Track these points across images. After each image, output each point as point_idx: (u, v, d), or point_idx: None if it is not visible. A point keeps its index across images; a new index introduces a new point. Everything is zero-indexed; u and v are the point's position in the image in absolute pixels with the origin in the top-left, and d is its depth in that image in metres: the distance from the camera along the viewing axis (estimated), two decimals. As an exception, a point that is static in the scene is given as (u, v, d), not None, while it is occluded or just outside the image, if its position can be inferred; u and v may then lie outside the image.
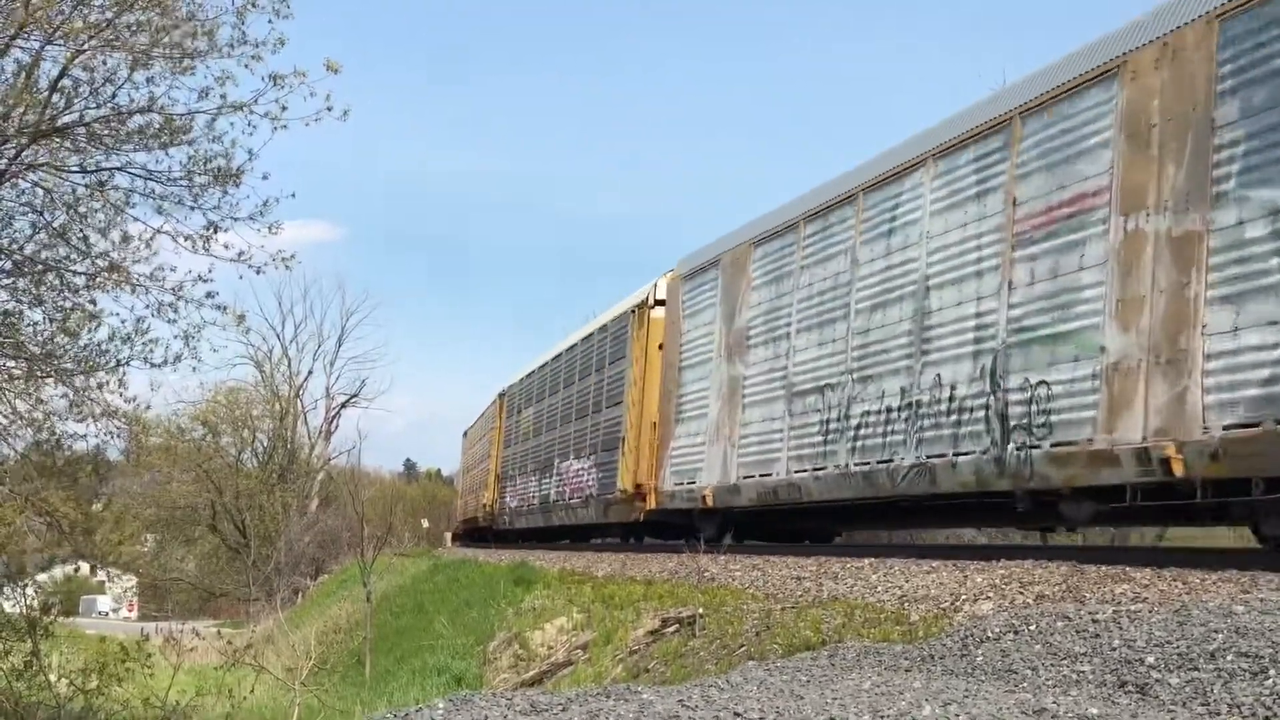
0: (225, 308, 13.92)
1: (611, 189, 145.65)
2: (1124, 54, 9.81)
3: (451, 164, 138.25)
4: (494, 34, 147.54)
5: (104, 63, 12.43)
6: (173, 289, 13.56)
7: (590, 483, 21.74)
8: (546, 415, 26.15)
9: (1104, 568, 8.49)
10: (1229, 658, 5.47)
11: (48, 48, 12.21)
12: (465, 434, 44.77)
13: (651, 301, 19.39)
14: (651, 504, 18.12)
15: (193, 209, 13.31)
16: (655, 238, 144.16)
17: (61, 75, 12.31)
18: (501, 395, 33.09)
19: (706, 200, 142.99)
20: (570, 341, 25.39)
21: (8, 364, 14.38)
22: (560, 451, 24.28)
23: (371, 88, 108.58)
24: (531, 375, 29.14)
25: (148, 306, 13.69)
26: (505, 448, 31.27)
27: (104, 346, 13.93)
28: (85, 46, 12.01)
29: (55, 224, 13.74)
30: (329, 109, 12.34)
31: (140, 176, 13.25)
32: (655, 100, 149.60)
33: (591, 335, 23.26)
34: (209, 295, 13.67)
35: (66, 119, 12.75)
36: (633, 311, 20.24)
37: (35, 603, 17.04)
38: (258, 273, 13.52)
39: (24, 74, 12.15)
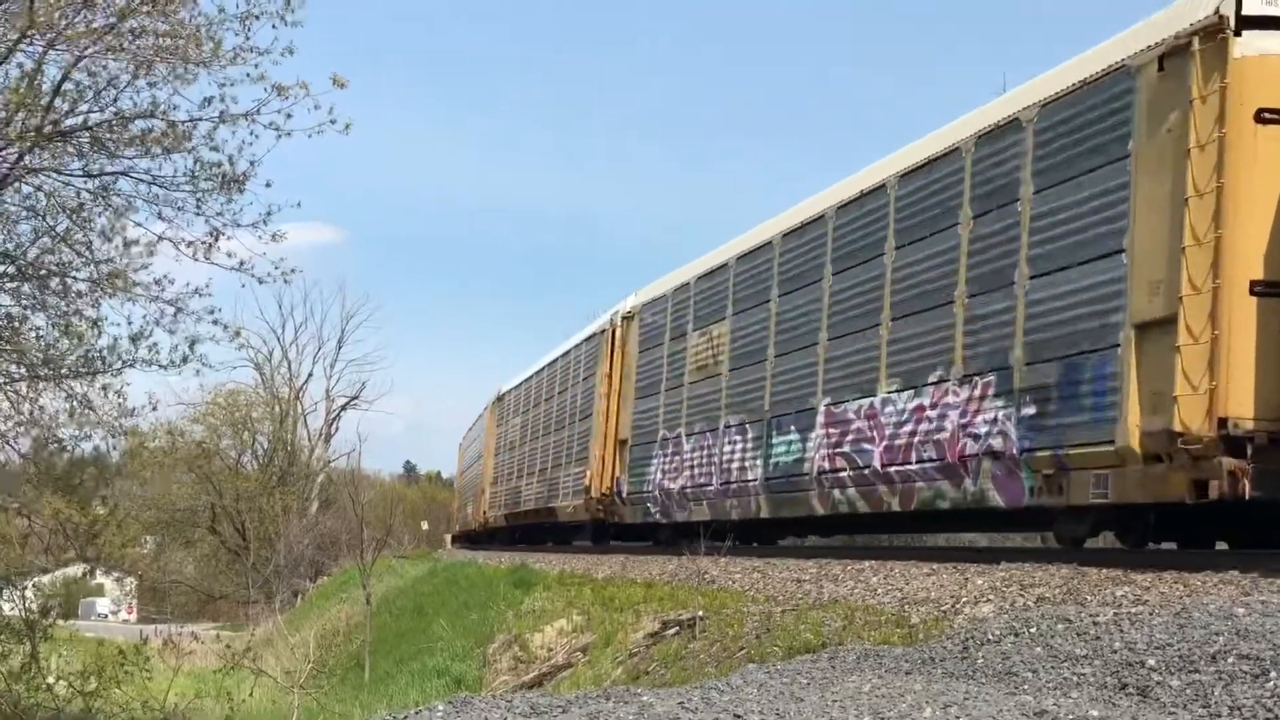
0: (225, 324, 13.94)
1: (611, 189, 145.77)
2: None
3: (453, 163, 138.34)
4: (494, 32, 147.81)
5: (105, 67, 12.46)
6: (171, 300, 13.57)
7: (985, 431, 11.18)
8: (794, 324, 15.14)
9: (1105, 570, 8.52)
10: (1230, 660, 5.49)
11: (51, 52, 12.22)
12: (500, 398, 34.56)
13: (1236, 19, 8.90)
14: None
15: (196, 214, 13.31)
16: (654, 239, 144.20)
17: (64, 79, 12.33)
18: (625, 317, 21.56)
19: (706, 201, 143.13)
20: (874, 180, 13.63)
21: (9, 368, 14.39)
22: (840, 385, 13.76)
23: (373, 88, 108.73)
24: (725, 268, 17.42)
25: (145, 316, 13.70)
26: (640, 398, 20.57)
27: (103, 353, 13.94)
28: (88, 52, 12.03)
29: (58, 229, 13.74)
30: (332, 122, 12.36)
31: (144, 181, 13.26)
32: (656, 98, 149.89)
33: (956, 151, 11.97)
34: (210, 310, 13.68)
35: (70, 123, 12.77)
36: (1160, 59, 9.37)
37: (34, 605, 17.08)
38: (260, 283, 13.50)
39: (27, 78, 12.16)
